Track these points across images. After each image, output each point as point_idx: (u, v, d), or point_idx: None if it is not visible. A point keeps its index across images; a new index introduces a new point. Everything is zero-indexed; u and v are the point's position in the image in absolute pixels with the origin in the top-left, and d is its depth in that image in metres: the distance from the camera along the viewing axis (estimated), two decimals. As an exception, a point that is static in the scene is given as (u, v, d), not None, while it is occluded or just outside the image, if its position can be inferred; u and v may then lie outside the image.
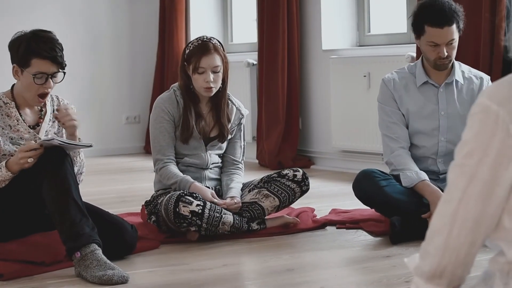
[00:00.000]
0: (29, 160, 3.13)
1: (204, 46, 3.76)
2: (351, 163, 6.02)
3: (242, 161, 3.99)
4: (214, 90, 3.78)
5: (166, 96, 3.83)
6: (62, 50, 3.26)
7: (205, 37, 3.82)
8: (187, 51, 3.79)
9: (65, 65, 3.27)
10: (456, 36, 3.62)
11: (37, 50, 3.20)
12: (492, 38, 4.70)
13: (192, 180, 3.72)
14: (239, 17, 7.58)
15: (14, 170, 3.17)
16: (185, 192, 3.62)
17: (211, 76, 3.73)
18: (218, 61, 3.76)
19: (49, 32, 3.29)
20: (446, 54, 3.63)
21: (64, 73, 3.28)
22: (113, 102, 7.75)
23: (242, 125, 3.98)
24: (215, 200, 3.67)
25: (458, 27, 3.61)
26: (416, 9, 3.69)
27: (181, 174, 3.75)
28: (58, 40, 3.27)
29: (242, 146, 3.99)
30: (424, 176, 3.65)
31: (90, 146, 3.25)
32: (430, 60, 3.69)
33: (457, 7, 3.63)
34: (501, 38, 4.62)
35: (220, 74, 3.78)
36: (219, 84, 3.80)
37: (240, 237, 3.70)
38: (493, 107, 1.46)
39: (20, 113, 3.35)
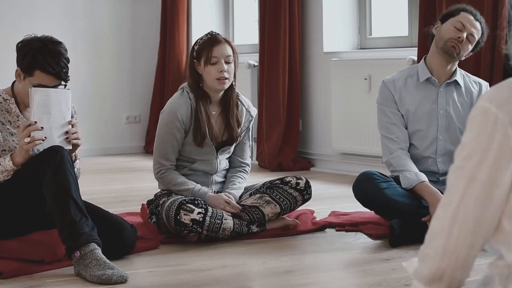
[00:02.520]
0: (26, 139, 3.12)
1: (214, 38, 3.74)
2: (351, 165, 6.02)
3: (250, 162, 3.97)
4: (228, 83, 3.72)
5: (181, 100, 3.74)
6: (67, 64, 3.24)
7: (213, 31, 3.81)
8: (196, 47, 3.75)
9: (68, 80, 3.26)
10: (477, 36, 3.72)
11: (42, 64, 3.17)
12: (493, 46, 4.71)
13: (206, 191, 3.73)
14: (240, 18, 7.59)
15: (16, 161, 3.17)
16: (187, 199, 3.61)
17: (225, 66, 3.70)
18: (230, 51, 3.73)
19: (59, 44, 3.24)
20: (464, 35, 3.68)
21: (65, 85, 3.27)
22: (114, 101, 7.76)
23: (251, 126, 3.96)
24: (231, 205, 3.68)
25: (480, 37, 3.74)
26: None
27: (190, 183, 3.73)
28: (66, 54, 3.24)
29: (250, 146, 3.97)
30: (424, 177, 3.66)
31: (68, 89, 3.24)
32: (443, 39, 3.70)
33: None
34: (501, 46, 4.63)
35: (233, 66, 3.73)
36: (232, 77, 3.75)
37: (239, 239, 3.70)
38: (493, 109, 1.47)
39: (20, 109, 3.35)
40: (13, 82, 3.38)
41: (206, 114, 3.76)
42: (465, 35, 3.68)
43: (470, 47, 3.73)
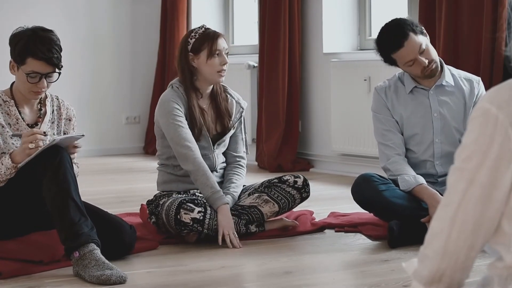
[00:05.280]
0: (30, 145, 3.12)
1: (212, 32, 3.76)
2: (351, 166, 6.02)
3: (245, 155, 3.95)
4: (224, 76, 3.75)
5: (173, 92, 3.73)
6: (59, 51, 3.24)
7: (204, 25, 3.81)
8: (192, 41, 3.75)
9: (61, 66, 3.26)
10: (422, 40, 3.64)
11: (33, 50, 3.19)
12: (493, 48, 4.71)
13: (225, 201, 3.61)
14: (240, 19, 7.59)
15: (16, 160, 3.17)
16: (187, 199, 3.60)
17: (226, 58, 3.73)
18: (226, 45, 3.77)
19: (50, 31, 3.27)
20: (426, 60, 3.64)
21: (59, 73, 3.27)
22: (114, 102, 7.76)
23: (243, 118, 3.95)
24: (232, 237, 3.58)
25: (416, 32, 3.63)
26: (376, 45, 3.76)
27: (218, 186, 3.65)
28: (57, 40, 3.25)
29: (244, 139, 3.95)
30: (422, 180, 3.66)
31: (83, 135, 3.26)
32: (419, 75, 3.71)
33: (403, 20, 3.67)
34: (501, 47, 4.63)
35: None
36: None
37: (238, 239, 3.70)
38: (493, 110, 1.47)
39: (19, 111, 3.35)
40: (12, 83, 3.38)
41: (199, 108, 3.76)
42: (422, 60, 3.63)
43: (429, 47, 3.66)
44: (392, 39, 3.66)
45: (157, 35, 7.78)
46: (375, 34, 6.15)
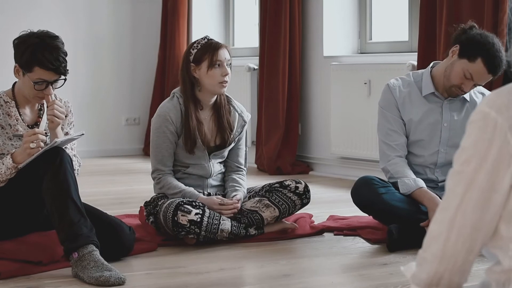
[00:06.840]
0: (31, 145, 3.12)
1: (214, 42, 3.74)
2: (350, 169, 6.02)
3: (246, 166, 3.98)
4: (226, 87, 3.75)
5: (170, 104, 3.75)
6: (66, 58, 3.23)
7: (207, 36, 3.81)
8: (193, 51, 3.74)
9: (68, 73, 3.26)
10: (485, 82, 3.64)
11: (41, 60, 3.17)
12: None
13: (197, 193, 3.72)
14: (241, 21, 7.59)
15: (17, 160, 3.17)
16: (184, 201, 3.61)
17: (228, 69, 3.72)
18: (229, 56, 3.75)
19: (56, 37, 3.25)
20: (471, 88, 3.63)
21: (65, 79, 3.27)
22: (113, 103, 7.76)
23: (245, 131, 3.95)
24: (224, 205, 3.67)
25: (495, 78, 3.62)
26: (479, 35, 3.55)
27: (183, 186, 3.74)
28: (63, 48, 3.24)
29: (245, 151, 3.96)
30: (422, 183, 3.66)
31: (83, 134, 3.27)
32: (450, 82, 3.64)
33: (505, 62, 3.56)
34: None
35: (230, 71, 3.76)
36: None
37: (237, 242, 3.70)
38: (492, 114, 1.47)
39: (19, 113, 3.35)
40: (14, 84, 3.38)
41: (197, 120, 3.75)
42: (472, 83, 3.59)
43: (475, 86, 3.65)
44: (497, 61, 3.51)
45: (157, 36, 7.79)
46: (375, 38, 6.21)
